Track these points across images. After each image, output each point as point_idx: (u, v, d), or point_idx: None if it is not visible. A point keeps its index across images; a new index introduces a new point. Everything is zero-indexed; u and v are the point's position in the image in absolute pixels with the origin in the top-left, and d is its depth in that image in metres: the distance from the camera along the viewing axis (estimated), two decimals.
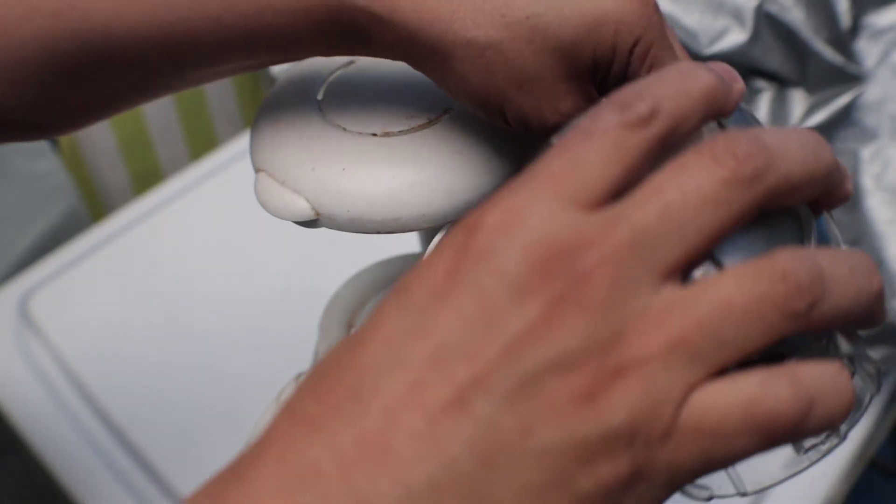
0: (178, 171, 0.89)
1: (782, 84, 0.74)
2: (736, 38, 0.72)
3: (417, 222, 0.33)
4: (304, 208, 0.33)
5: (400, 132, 0.34)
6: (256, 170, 0.35)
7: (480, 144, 0.34)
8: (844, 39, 0.72)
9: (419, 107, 0.35)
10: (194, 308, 0.74)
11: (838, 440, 0.25)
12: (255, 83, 1.11)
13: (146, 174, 1.06)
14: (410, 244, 0.43)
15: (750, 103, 0.74)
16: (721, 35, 0.73)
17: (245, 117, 1.12)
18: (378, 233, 0.33)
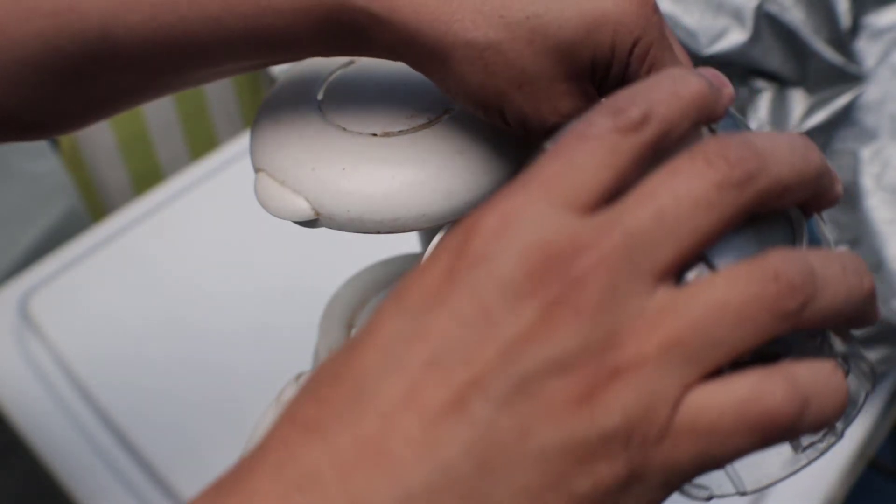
0: (178, 171, 0.89)
1: (782, 84, 0.74)
2: (736, 38, 0.72)
3: (417, 222, 0.33)
4: (304, 208, 0.33)
5: (400, 132, 0.34)
6: (256, 170, 0.35)
7: (480, 145, 0.34)
8: (844, 39, 0.72)
9: (419, 107, 0.35)
10: (194, 308, 0.74)
11: (836, 438, 0.25)
12: (255, 83, 1.11)
13: (146, 174, 1.06)
14: (410, 244, 0.43)
15: (750, 103, 0.74)
16: (721, 35, 0.73)
17: (245, 117, 1.12)
18: (378, 233, 0.33)
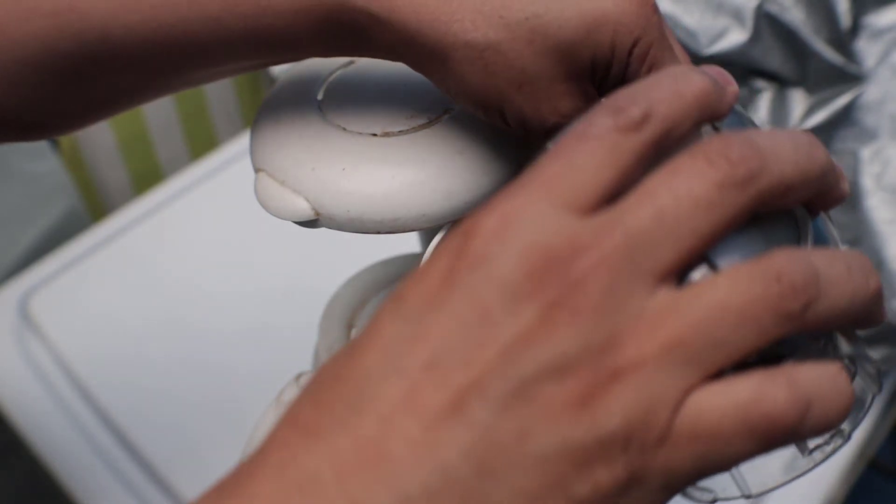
0: (178, 171, 0.89)
1: (782, 84, 0.74)
2: (736, 38, 0.72)
3: (417, 222, 0.33)
4: (304, 208, 0.33)
5: (400, 132, 0.34)
6: (256, 170, 0.35)
7: (480, 145, 0.34)
8: (844, 39, 0.72)
9: (419, 107, 0.35)
10: (194, 308, 0.74)
11: (843, 440, 0.25)
12: (255, 83, 1.11)
13: (146, 174, 1.06)
14: (410, 244, 0.43)
15: (750, 103, 0.74)
16: (721, 35, 0.73)
17: (245, 117, 1.12)
18: (378, 233, 0.33)
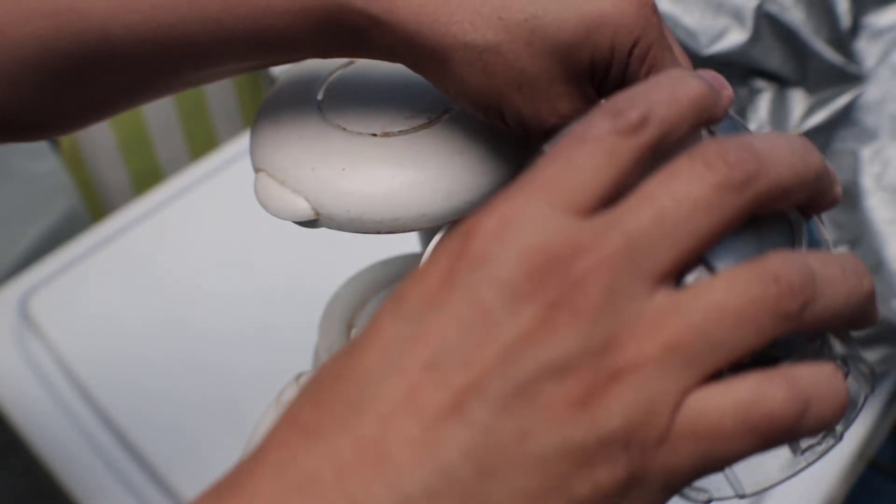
0: (178, 171, 0.89)
1: (782, 84, 0.74)
2: (736, 38, 0.72)
3: (417, 222, 0.33)
4: (304, 208, 0.33)
5: (400, 132, 0.34)
6: (256, 170, 0.35)
7: (480, 145, 0.34)
8: (844, 39, 0.72)
9: (419, 107, 0.35)
10: (194, 308, 0.74)
11: (835, 440, 0.25)
12: (255, 83, 1.11)
13: (146, 174, 1.06)
14: (410, 244, 0.43)
15: (750, 103, 0.74)
16: (721, 35, 0.73)
17: (245, 117, 1.12)
18: (378, 233, 0.33)
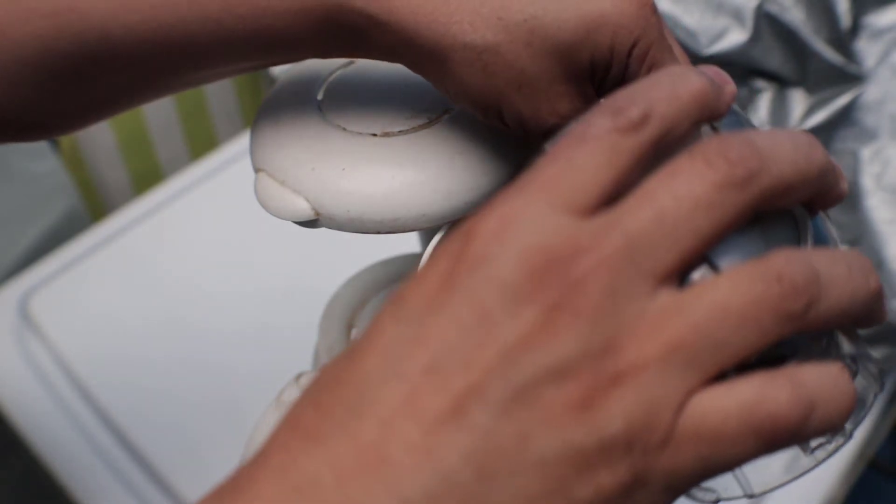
0: (178, 171, 0.89)
1: (782, 84, 0.74)
2: (736, 38, 0.72)
3: (417, 222, 0.33)
4: (304, 208, 0.33)
5: (400, 132, 0.34)
6: (256, 170, 0.35)
7: (480, 145, 0.34)
8: (844, 39, 0.72)
9: (419, 107, 0.35)
10: (194, 308, 0.74)
11: (844, 439, 0.25)
12: (255, 83, 1.11)
13: (146, 174, 1.06)
14: (410, 244, 0.43)
15: (750, 103, 0.74)
16: (721, 35, 0.73)
17: (245, 117, 1.12)
18: (378, 233, 0.33)
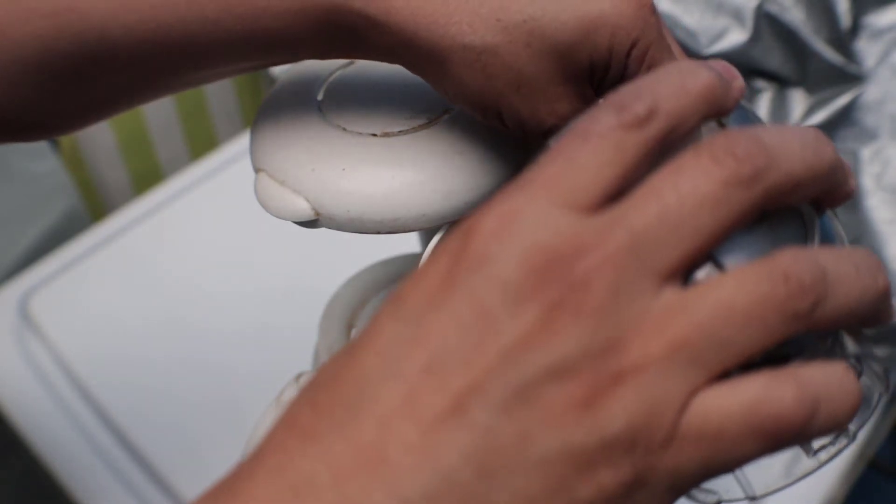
0: (178, 171, 0.89)
1: (782, 84, 0.74)
2: (736, 38, 0.72)
3: (417, 222, 0.33)
4: (304, 208, 0.33)
5: (400, 132, 0.34)
6: (256, 170, 0.35)
7: (480, 145, 0.34)
8: (844, 39, 0.72)
9: (419, 107, 0.35)
10: (194, 308, 0.74)
11: (848, 440, 0.25)
12: (255, 83, 1.11)
13: (146, 174, 1.06)
14: (410, 244, 0.43)
15: (750, 103, 0.74)
16: (721, 35, 0.73)
17: (245, 117, 1.12)
18: (378, 233, 0.33)
